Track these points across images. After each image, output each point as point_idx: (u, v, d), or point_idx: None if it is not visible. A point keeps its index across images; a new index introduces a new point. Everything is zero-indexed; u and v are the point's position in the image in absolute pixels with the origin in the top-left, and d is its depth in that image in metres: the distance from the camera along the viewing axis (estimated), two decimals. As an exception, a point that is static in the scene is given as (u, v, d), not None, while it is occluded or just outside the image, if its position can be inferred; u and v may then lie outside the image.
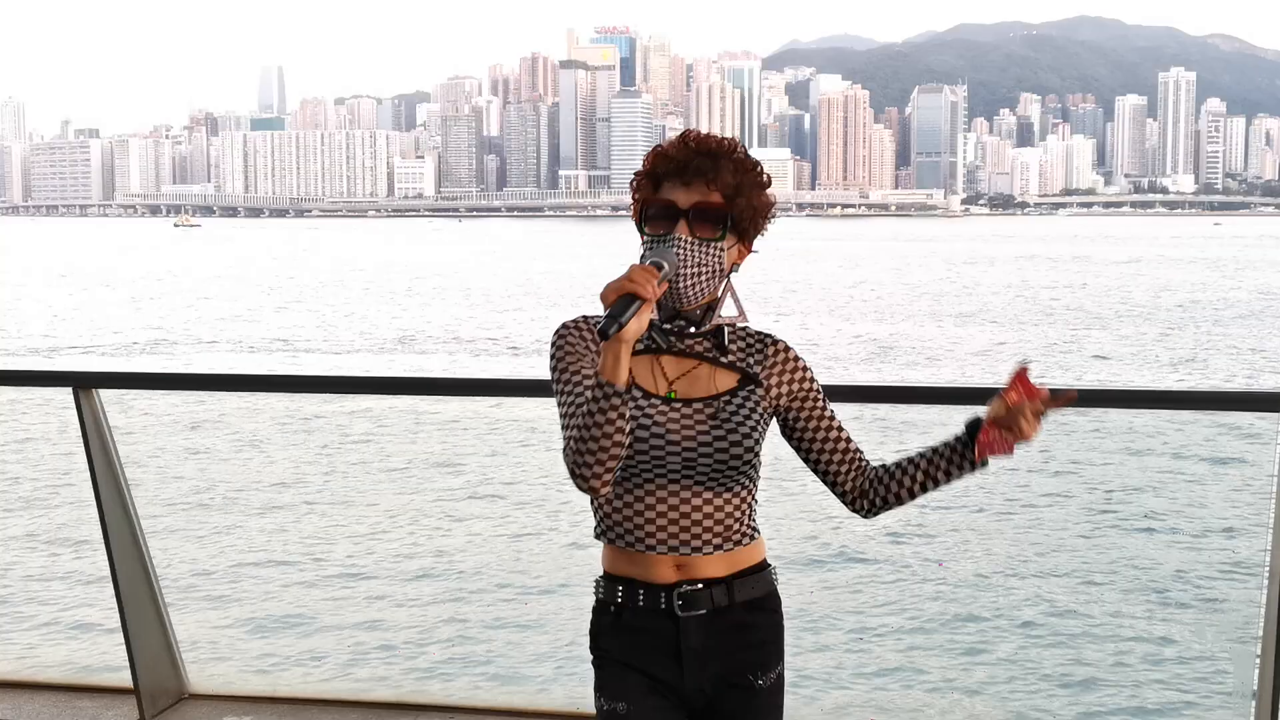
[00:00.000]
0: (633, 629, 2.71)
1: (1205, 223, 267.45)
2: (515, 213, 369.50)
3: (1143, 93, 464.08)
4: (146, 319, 52.76)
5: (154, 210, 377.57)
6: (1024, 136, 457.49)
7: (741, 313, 2.77)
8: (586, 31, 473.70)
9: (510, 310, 57.08)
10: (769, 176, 2.76)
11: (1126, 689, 8.88)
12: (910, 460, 2.80)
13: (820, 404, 2.80)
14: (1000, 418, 2.68)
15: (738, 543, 2.70)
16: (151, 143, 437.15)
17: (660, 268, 2.57)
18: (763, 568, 2.76)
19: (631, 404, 2.63)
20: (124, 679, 5.00)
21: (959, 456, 2.74)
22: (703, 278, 2.66)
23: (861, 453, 2.83)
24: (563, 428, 2.64)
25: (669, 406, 2.67)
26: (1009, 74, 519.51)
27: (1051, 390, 2.69)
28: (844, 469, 2.81)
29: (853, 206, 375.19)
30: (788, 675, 2.78)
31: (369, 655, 8.48)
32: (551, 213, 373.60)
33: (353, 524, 14.06)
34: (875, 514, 2.84)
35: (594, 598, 2.80)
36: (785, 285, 70.83)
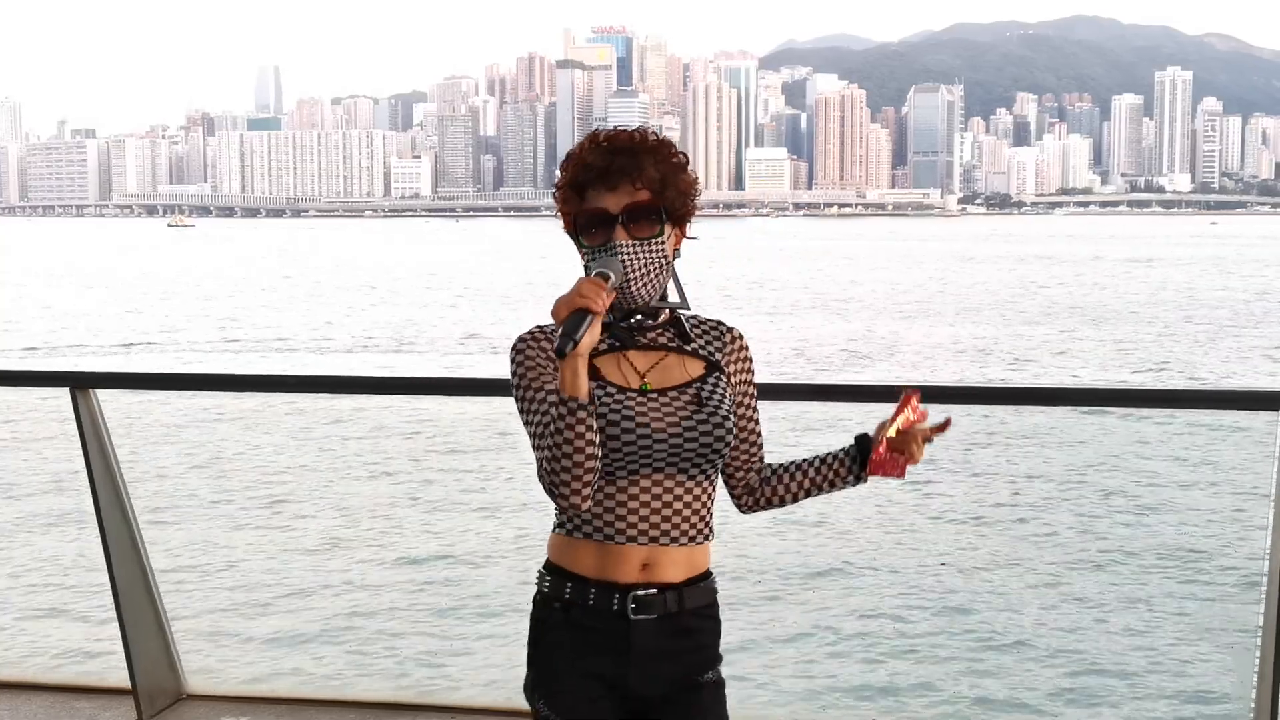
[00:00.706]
0: (581, 627, 2.70)
1: (1202, 222, 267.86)
2: (512, 213, 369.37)
3: (1139, 92, 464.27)
4: (140, 319, 52.73)
5: (151, 210, 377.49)
6: (1020, 136, 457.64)
7: (684, 299, 2.80)
8: (583, 31, 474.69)
9: (508, 308, 57.09)
10: (685, 155, 2.77)
11: (1126, 690, 8.88)
12: (798, 465, 2.87)
13: (749, 396, 2.86)
14: (892, 440, 2.77)
15: (702, 537, 2.74)
16: (148, 143, 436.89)
17: (607, 278, 2.57)
18: (708, 575, 2.79)
19: (609, 400, 2.66)
20: (121, 680, 4.99)
21: (845, 470, 2.82)
22: (651, 275, 2.68)
23: (763, 454, 2.91)
24: (533, 447, 2.64)
25: (645, 398, 2.68)
26: (1005, 73, 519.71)
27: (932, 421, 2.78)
28: (745, 465, 2.87)
29: (849, 206, 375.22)
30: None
31: (367, 656, 8.48)
32: (548, 213, 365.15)
33: (352, 526, 14.05)
34: (755, 511, 2.92)
35: (537, 590, 2.78)
36: (783, 284, 70.86)
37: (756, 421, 2.88)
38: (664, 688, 2.73)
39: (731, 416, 2.72)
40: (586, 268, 2.67)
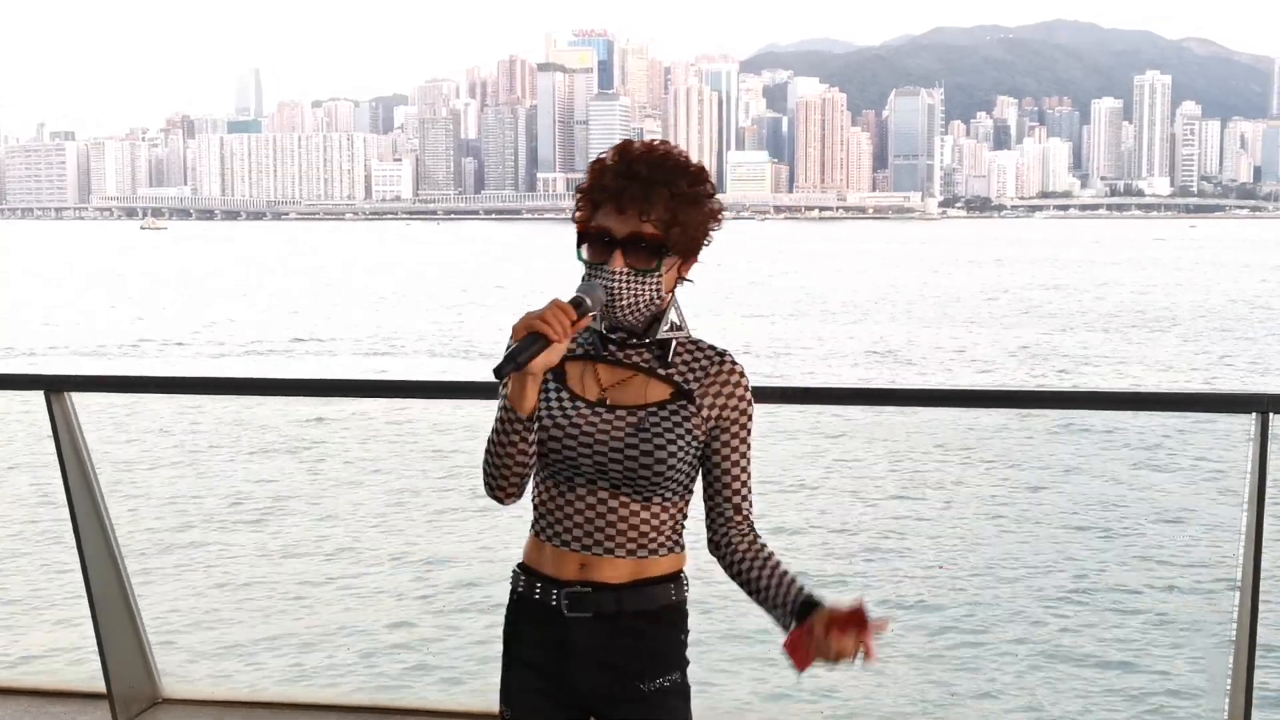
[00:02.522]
0: (529, 620, 2.75)
1: (1181, 225, 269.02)
2: (493, 215, 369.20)
3: (1119, 96, 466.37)
4: (111, 322, 52.50)
5: (130, 213, 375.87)
6: (1001, 139, 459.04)
7: (683, 325, 2.76)
8: (564, 34, 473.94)
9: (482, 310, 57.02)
10: (712, 186, 2.73)
11: (1100, 689, 8.91)
12: (765, 578, 2.67)
13: (731, 435, 2.74)
14: (818, 635, 2.50)
15: (653, 551, 2.70)
16: (128, 145, 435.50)
17: (580, 305, 2.58)
18: (667, 580, 2.73)
19: (554, 406, 2.69)
20: (97, 684, 4.98)
21: (780, 615, 2.63)
22: (640, 306, 2.67)
23: (742, 516, 2.76)
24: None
25: (591, 411, 2.68)
26: (986, 77, 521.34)
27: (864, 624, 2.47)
28: (714, 507, 2.76)
29: (830, 209, 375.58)
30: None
31: (344, 659, 8.46)
32: (529, 215, 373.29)
33: (331, 529, 14.03)
34: (722, 566, 2.80)
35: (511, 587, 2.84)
36: (767, 288, 70.95)
37: (735, 464, 2.75)
38: (607, 690, 2.71)
39: (675, 447, 2.65)
40: (579, 287, 2.68)
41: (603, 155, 2.74)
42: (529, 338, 2.51)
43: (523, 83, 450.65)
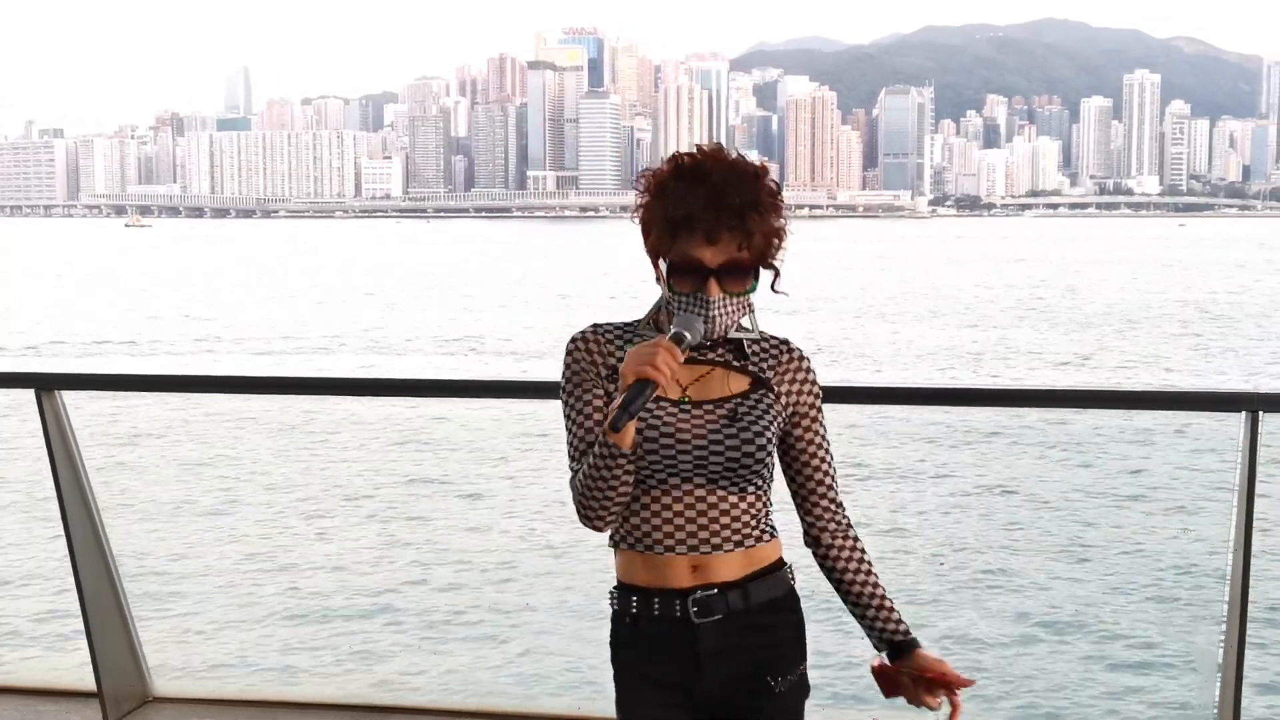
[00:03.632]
0: (649, 636, 2.68)
1: (1170, 224, 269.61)
2: (483, 213, 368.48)
3: (1108, 95, 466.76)
4: (97, 320, 52.38)
5: (119, 211, 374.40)
6: (990, 138, 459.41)
7: (754, 325, 2.75)
8: (554, 32, 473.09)
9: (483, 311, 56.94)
10: (777, 184, 2.72)
11: (1088, 695, 8.94)
12: (855, 590, 2.76)
13: (808, 420, 2.77)
14: (905, 684, 2.69)
15: (752, 540, 2.68)
16: (117, 143, 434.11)
17: (681, 340, 2.57)
18: (779, 566, 2.73)
19: (644, 410, 2.63)
20: (87, 683, 4.97)
21: (872, 637, 2.75)
22: (734, 320, 2.67)
23: (834, 504, 2.79)
24: (569, 455, 2.72)
25: (680, 409, 2.66)
26: (975, 76, 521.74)
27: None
28: (803, 493, 2.79)
29: (820, 208, 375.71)
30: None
31: (336, 657, 8.45)
32: (520, 213, 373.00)
33: (324, 528, 14.01)
34: (818, 562, 2.84)
35: (610, 608, 2.78)
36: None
37: (819, 446, 2.78)
38: (736, 689, 2.69)
39: (768, 434, 2.66)
40: (669, 303, 2.67)
41: (658, 171, 2.69)
42: (638, 384, 2.50)
43: (513, 81, 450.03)
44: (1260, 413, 4.06)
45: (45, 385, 4.83)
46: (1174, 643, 10.12)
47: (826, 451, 2.79)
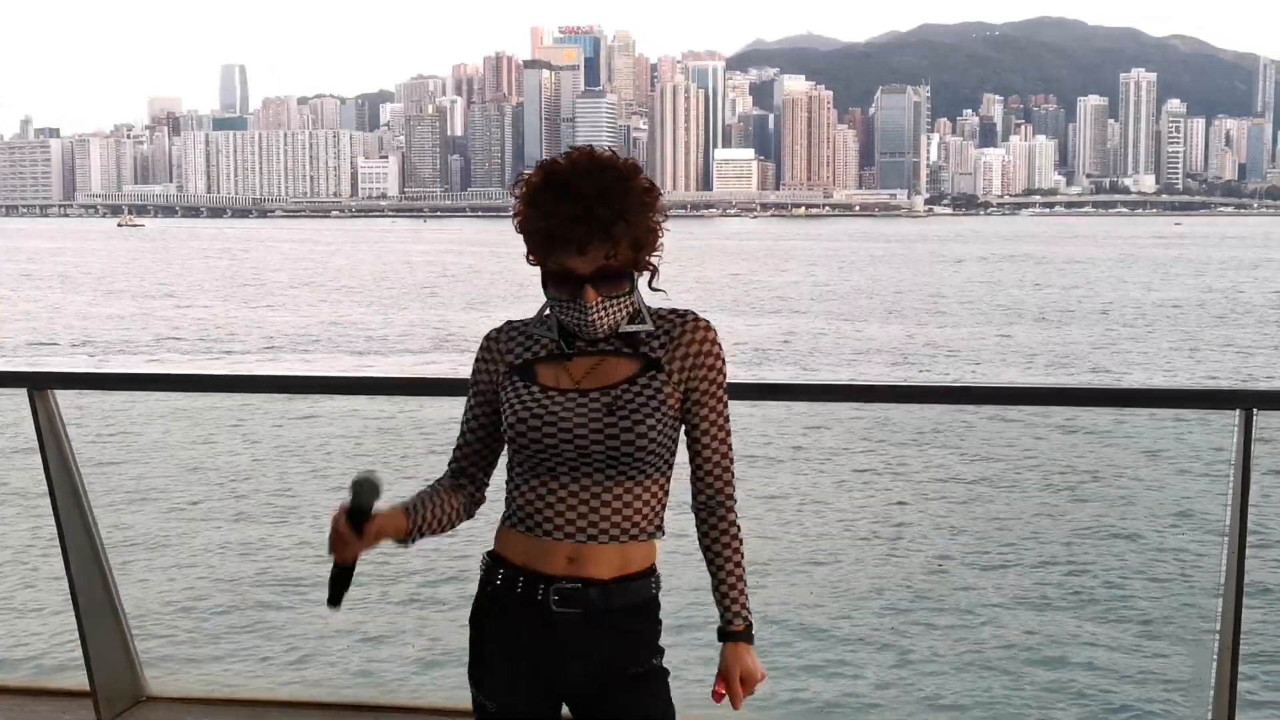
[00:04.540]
0: (507, 612, 2.74)
1: (1166, 222, 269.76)
2: (479, 213, 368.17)
3: (1104, 93, 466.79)
4: (84, 319, 52.33)
5: (115, 210, 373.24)
6: (987, 137, 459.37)
7: (648, 319, 2.75)
8: (551, 31, 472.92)
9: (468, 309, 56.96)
10: (657, 192, 2.72)
11: (1081, 684, 8.93)
12: (716, 565, 2.82)
13: (706, 396, 2.75)
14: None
15: (634, 537, 2.70)
16: (113, 142, 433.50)
17: (360, 504, 2.64)
18: (647, 574, 2.76)
19: (529, 398, 2.71)
20: (81, 682, 4.96)
21: (725, 617, 2.82)
22: (616, 318, 2.68)
23: (714, 480, 2.80)
24: (459, 439, 2.91)
25: (565, 397, 2.68)
26: (972, 74, 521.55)
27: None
28: (692, 473, 2.81)
29: (817, 207, 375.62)
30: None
31: (330, 657, 8.44)
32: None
33: (315, 525, 14.00)
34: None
35: (479, 573, 2.83)
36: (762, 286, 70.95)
37: (706, 419, 2.76)
38: (590, 679, 2.73)
39: (650, 421, 2.65)
40: (553, 306, 2.73)
41: (528, 176, 2.71)
42: (335, 568, 2.69)
43: (509, 80, 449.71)
44: (1255, 410, 4.07)
45: (38, 384, 4.82)
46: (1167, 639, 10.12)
47: (719, 426, 2.76)
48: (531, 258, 2.73)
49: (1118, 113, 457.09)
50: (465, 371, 2.86)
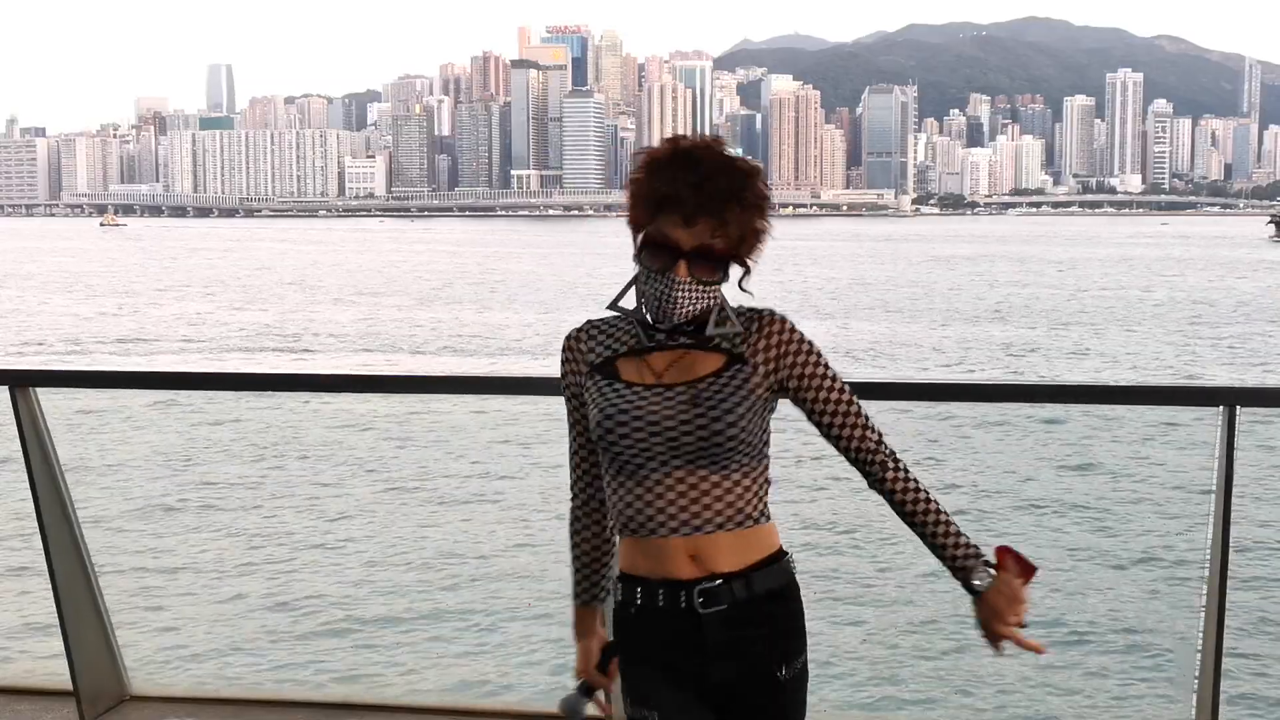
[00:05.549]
0: (655, 627, 2.72)
1: (1153, 222, 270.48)
2: (467, 212, 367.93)
3: (1091, 93, 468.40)
4: (75, 318, 52.20)
5: (100, 210, 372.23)
6: (974, 137, 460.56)
7: (729, 317, 2.73)
8: (538, 31, 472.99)
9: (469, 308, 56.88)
10: (770, 200, 2.73)
11: (1065, 686, 8.95)
12: (918, 525, 2.77)
13: (815, 379, 2.75)
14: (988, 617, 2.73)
15: (742, 524, 2.68)
16: (99, 142, 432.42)
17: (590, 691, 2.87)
18: (779, 557, 2.75)
19: (615, 395, 2.70)
20: (64, 681, 4.93)
21: (955, 569, 2.76)
22: (696, 309, 2.67)
23: (870, 447, 2.77)
24: (570, 448, 2.91)
25: (650, 392, 2.68)
26: (959, 74, 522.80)
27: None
28: (852, 457, 2.80)
29: (804, 206, 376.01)
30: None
31: (312, 655, 8.43)
32: (504, 212, 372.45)
33: (299, 525, 13.97)
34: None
35: (613, 599, 2.82)
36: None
37: (829, 401, 2.76)
38: (741, 678, 2.71)
39: (738, 412, 2.65)
40: (638, 277, 2.71)
41: (654, 150, 2.70)
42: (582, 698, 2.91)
43: (496, 79, 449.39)
44: (1238, 407, 4.07)
45: (20, 382, 4.79)
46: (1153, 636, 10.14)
47: (845, 402, 2.77)
48: (632, 225, 2.71)
49: (1104, 113, 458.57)
50: (463, 370, 2.98)
